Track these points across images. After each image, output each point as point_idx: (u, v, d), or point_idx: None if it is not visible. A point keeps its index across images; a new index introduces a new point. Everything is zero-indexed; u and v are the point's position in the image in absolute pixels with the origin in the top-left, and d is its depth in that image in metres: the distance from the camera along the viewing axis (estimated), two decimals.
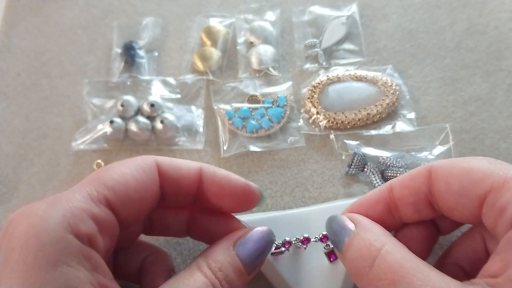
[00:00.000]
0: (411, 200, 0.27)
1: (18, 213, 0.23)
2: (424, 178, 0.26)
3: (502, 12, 0.49)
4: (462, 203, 0.25)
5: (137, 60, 0.49)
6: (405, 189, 0.27)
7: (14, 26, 0.54)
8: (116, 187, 0.25)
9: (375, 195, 0.29)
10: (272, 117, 0.45)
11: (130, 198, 0.26)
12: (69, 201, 0.23)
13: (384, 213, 0.28)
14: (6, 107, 0.49)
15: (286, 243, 0.32)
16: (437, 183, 0.26)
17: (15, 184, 0.44)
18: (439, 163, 0.26)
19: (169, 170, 0.28)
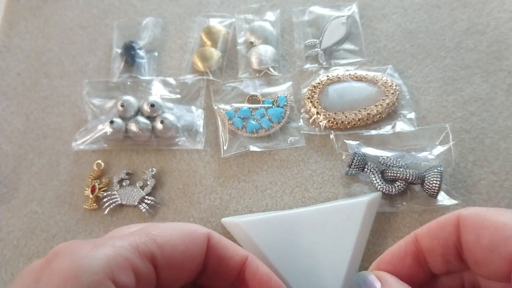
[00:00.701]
0: (440, 251, 0.26)
1: (63, 247, 0.23)
2: (453, 227, 0.25)
3: (502, 12, 0.49)
4: (492, 259, 0.23)
5: (137, 60, 0.49)
6: (433, 240, 0.26)
7: (14, 26, 0.54)
8: (165, 246, 0.25)
9: (401, 248, 0.27)
10: (272, 117, 0.45)
11: (175, 261, 0.25)
12: (116, 248, 0.23)
13: (413, 267, 0.27)
14: (6, 107, 0.49)
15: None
16: (465, 235, 0.24)
17: (15, 184, 0.44)
18: (468, 212, 0.25)
19: (217, 246, 0.28)
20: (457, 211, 0.26)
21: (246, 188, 0.42)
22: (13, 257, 0.41)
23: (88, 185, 0.43)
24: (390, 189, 0.39)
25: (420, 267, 0.27)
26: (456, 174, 0.41)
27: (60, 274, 0.21)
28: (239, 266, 0.28)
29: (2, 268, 0.40)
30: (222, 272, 0.28)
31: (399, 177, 0.39)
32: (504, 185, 0.40)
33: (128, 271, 0.23)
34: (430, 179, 0.38)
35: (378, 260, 0.28)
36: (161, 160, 0.45)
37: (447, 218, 0.26)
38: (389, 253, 0.28)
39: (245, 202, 0.42)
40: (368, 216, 0.37)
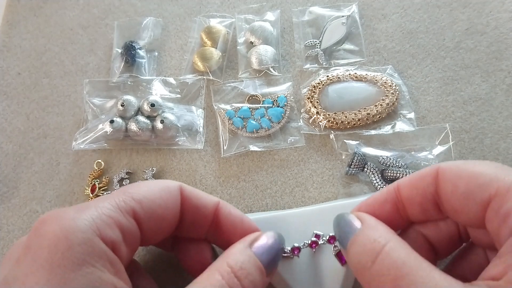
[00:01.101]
0: (418, 200, 0.27)
1: (48, 215, 0.24)
2: (431, 178, 0.26)
3: (502, 12, 0.49)
4: (467, 206, 0.25)
5: (137, 60, 0.50)
6: (412, 189, 0.27)
7: (15, 25, 0.54)
8: (143, 201, 0.27)
9: (382, 195, 0.29)
10: (272, 117, 0.45)
11: (154, 213, 0.27)
12: (98, 208, 0.24)
13: (391, 213, 0.28)
14: (6, 106, 0.49)
15: (295, 249, 0.32)
16: (444, 185, 0.26)
17: (16, 184, 0.44)
18: (447, 165, 0.26)
19: (190, 196, 0.30)
20: (437, 164, 0.27)
21: (246, 188, 0.42)
22: None
23: (88, 185, 0.44)
24: None
25: (398, 213, 0.28)
26: None
27: (50, 237, 0.22)
28: (212, 212, 0.30)
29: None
30: (197, 219, 0.30)
31: (399, 177, 0.39)
32: None
33: (113, 227, 0.24)
34: None
35: (359, 204, 0.30)
36: (161, 159, 0.45)
37: (427, 170, 0.27)
38: (370, 199, 0.30)
39: (245, 202, 0.42)
40: None
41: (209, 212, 0.30)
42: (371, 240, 0.25)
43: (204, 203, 0.30)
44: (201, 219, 0.30)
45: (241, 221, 0.31)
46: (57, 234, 0.22)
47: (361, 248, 0.25)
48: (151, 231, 0.27)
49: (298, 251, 0.32)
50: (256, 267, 0.27)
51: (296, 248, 0.32)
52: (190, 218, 0.30)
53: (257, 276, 0.27)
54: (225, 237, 0.31)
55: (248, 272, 0.26)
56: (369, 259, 0.24)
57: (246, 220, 0.31)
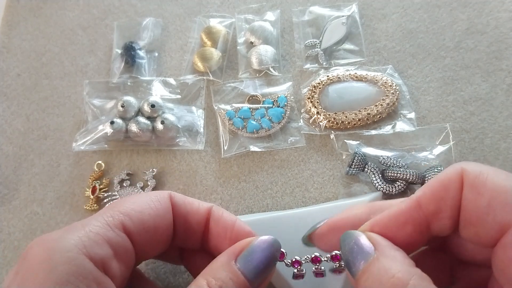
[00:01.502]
0: (448, 214, 0.23)
1: (35, 240, 0.24)
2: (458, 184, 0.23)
3: (502, 12, 0.49)
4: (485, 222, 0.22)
5: (137, 61, 0.50)
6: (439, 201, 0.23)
7: (14, 26, 0.54)
8: (131, 213, 0.26)
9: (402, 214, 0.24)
10: (273, 117, 0.45)
11: (145, 224, 0.26)
12: (86, 226, 0.24)
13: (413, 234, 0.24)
14: (6, 107, 0.49)
15: (295, 262, 0.29)
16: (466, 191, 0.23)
17: (16, 185, 0.44)
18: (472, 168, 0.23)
19: (181, 203, 0.29)
20: (458, 164, 0.23)
21: (246, 188, 0.42)
22: (14, 258, 0.41)
23: (89, 186, 0.44)
24: (390, 189, 0.39)
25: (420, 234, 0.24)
26: None
27: (35, 260, 0.22)
28: (204, 217, 0.29)
29: (3, 269, 0.40)
30: (190, 226, 0.29)
31: (400, 177, 0.39)
32: None
33: (102, 244, 0.24)
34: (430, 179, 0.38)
35: (372, 221, 0.25)
36: (161, 160, 0.45)
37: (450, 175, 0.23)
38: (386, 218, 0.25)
39: (245, 202, 0.42)
40: None
41: (201, 218, 0.29)
42: (390, 275, 0.21)
43: (196, 209, 0.29)
44: (193, 226, 0.29)
45: (232, 225, 0.29)
46: (41, 255, 0.22)
47: (376, 282, 0.21)
48: (145, 244, 0.27)
49: (299, 264, 0.29)
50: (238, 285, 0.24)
51: (296, 262, 0.29)
52: (182, 226, 0.29)
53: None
54: (216, 244, 0.29)
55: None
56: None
57: (238, 223, 0.29)
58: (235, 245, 0.27)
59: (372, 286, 0.21)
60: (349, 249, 0.24)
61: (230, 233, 0.28)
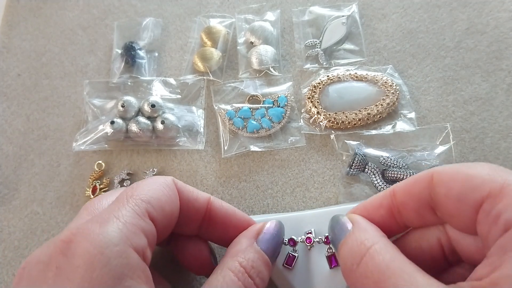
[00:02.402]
0: (412, 205, 0.27)
1: (73, 233, 0.23)
2: (426, 183, 0.26)
3: (502, 11, 0.49)
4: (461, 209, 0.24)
5: (137, 61, 0.50)
6: (407, 194, 0.27)
7: (14, 26, 0.54)
8: (151, 201, 0.26)
9: (378, 199, 0.29)
10: (273, 117, 0.45)
11: (164, 211, 0.27)
12: (120, 218, 0.24)
13: (386, 218, 0.28)
14: (6, 107, 0.49)
15: (290, 240, 0.33)
16: (438, 188, 0.25)
17: (16, 185, 0.44)
18: (442, 168, 0.26)
19: (183, 190, 0.30)
20: (432, 168, 0.26)
21: (247, 188, 0.42)
22: (14, 258, 0.41)
23: (89, 186, 0.43)
24: None
25: (393, 218, 0.28)
26: None
27: (83, 256, 0.22)
28: (204, 205, 0.31)
29: (3, 269, 0.40)
30: (191, 213, 0.30)
31: (400, 177, 0.39)
32: None
33: (139, 234, 0.24)
34: None
35: (354, 208, 0.30)
36: (161, 160, 0.45)
37: (422, 174, 0.26)
38: (365, 203, 0.29)
39: (246, 202, 0.42)
40: None
41: (202, 205, 0.31)
42: (359, 242, 0.25)
43: (196, 197, 0.31)
44: (194, 213, 0.31)
45: (233, 213, 0.32)
46: (90, 251, 0.22)
47: (349, 250, 0.25)
48: (163, 230, 0.28)
49: (293, 243, 0.33)
50: (264, 263, 0.28)
51: (291, 240, 0.33)
52: (183, 212, 0.30)
53: (266, 271, 0.28)
54: (219, 231, 0.31)
55: (259, 270, 0.27)
56: (355, 261, 0.24)
57: (238, 212, 0.32)
58: (251, 230, 0.30)
59: (346, 253, 0.25)
60: (333, 229, 0.28)
61: (234, 220, 0.31)
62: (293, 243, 0.33)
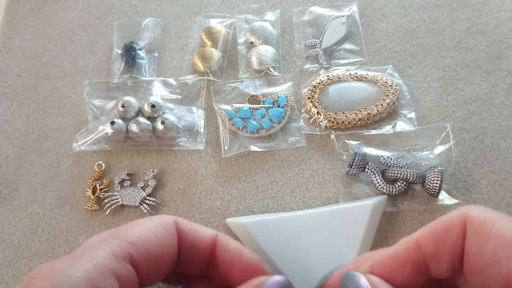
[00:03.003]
0: (447, 258, 0.23)
1: (37, 270, 0.22)
2: (460, 230, 0.22)
3: (502, 11, 0.49)
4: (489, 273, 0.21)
5: (137, 61, 0.50)
6: (438, 245, 0.23)
7: (14, 26, 0.54)
8: (138, 243, 0.25)
9: (401, 254, 0.24)
10: (273, 117, 0.45)
11: (151, 254, 0.26)
12: (93, 258, 0.23)
13: (411, 275, 0.24)
14: (6, 108, 0.49)
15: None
16: (469, 240, 0.22)
17: (16, 186, 0.44)
18: (477, 215, 0.22)
19: (186, 230, 0.28)
20: (463, 209, 0.23)
21: (247, 188, 0.42)
22: (14, 259, 0.41)
23: (89, 186, 0.44)
24: (391, 189, 0.39)
25: (419, 274, 0.24)
26: (456, 173, 0.41)
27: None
28: (209, 246, 0.29)
29: (4, 269, 0.40)
30: (195, 254, 0.29)
31: (400, 177, 0.39)
32: (505, 184, 0.40)
33: (109, 277, 0.23)
34: (431, 179, 0.38)
35: (373, 261, 0.25)
36: (162, 160, 0.45)
37: (453, 219, 0.23)
38: (385, 258, 0.25)
39: (246, 203, 0.42)
40: (373, 220, 0.36)
41: (206, 246, 0.29)
42: None
43: (201, 237, 0.28)
44: (198, 255, 0.29)
45: (239, 255, 0.28)
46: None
47: None
48: (149, 273, 0.26)
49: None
50: None
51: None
52: (186, 253, 0.28)
53: None
54: (222, 274, 0.29)
55: None
56: None
57: (245, 254, 0.28)
58: (248, 284, 0.27)
59: None
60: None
61: (238, 263, 0.28)
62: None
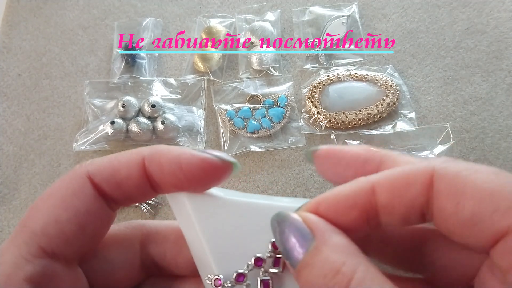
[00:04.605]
0: (401, 211, 0.21)
1: None
2: (423, 187, 0.20)
3: (502, 11, 0.49)
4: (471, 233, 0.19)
5: (137, 61, 0.50)
6: (395, 197, 0.21)
7: (15, 26, 0.54)
8: (47, 229, 0.21)
9: (350, 196, 0.21)
10: (273, 117, 0.45)
11: (66, 232, 0.21)
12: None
13: (357, 220, 0.21)
14: (7, 107, 0.49)
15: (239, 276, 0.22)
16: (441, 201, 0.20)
17: (16, 185, 0.44)
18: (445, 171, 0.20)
19: (105, 175, 0.23)
20: (431, 163, 0.20)
21: (247, 188, 0.42)
22: None
23: None
24: None
25: (365, 221, 0.21)
26: None
27: None
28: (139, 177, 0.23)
29: None
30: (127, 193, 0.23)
31: None
32: None
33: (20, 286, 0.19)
34: None
35: (314, 201, 0.21)
36: None
37: (417, 174, 0.20)
38: (331, 198, 0.21)
39: None
40: None
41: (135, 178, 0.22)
42: (334, 269, 0.18)
43: (126, 175, 0.22)
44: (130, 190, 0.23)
45: (178, 165, 0.22)
46: None
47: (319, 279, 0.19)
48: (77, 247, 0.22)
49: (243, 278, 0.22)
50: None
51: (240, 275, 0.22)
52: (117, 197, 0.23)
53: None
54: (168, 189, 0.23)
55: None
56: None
57: (185, 160, 0.22)
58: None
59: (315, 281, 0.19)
60: (283, 235, 0.20)
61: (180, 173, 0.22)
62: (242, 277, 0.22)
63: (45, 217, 0.21)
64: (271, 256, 0.22)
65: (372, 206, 0.21)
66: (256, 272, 0.22)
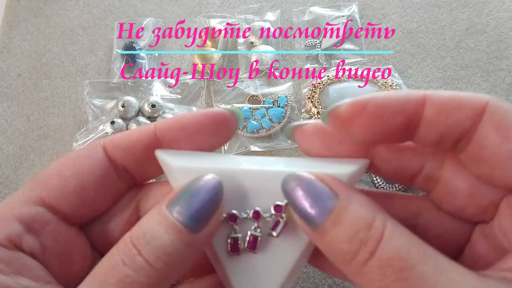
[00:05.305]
0: (442, 130, 0.20)
1: None
2: (473, 112, 0.20)
3: (501, 11, 0.49)
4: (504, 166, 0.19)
5: (137, 61, 0.50)
6: (442, 115, 0.20)
7: (15, 26, 0.54)
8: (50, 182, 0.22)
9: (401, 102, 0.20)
10: (273, 117, 0.45)
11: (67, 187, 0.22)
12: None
13: (398, 127, 0.20)
14: (7, 107, 0.49)
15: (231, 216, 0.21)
16: (488, 129, 0.20)
17: (16, 185, 0.44)
18: (498, 105, 0.19)
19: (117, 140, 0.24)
20: (484, 96, 0.20)
21: None
22: None
23: None
24: (391, 189, 0.39)
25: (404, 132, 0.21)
26: None
27: None
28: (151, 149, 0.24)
29: None
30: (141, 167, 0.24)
31: None
32: None
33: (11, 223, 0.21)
34: None
35: (367, 97, 0.20)
36: None
37: (470, 100, 0.20)
38: (383, 97, 0.21)
39: None
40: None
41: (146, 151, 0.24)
42: (367, 224, 0.18)
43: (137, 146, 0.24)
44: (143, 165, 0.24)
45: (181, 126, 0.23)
46: None
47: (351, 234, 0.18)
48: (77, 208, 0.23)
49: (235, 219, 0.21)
50: (167, 227, 0.19)
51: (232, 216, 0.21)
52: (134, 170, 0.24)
53: (168, 238, 0.19)
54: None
55: (152, 236, 0.19)
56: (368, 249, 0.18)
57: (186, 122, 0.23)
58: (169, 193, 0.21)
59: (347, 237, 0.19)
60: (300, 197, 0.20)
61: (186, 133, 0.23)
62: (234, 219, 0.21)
63: (51, 171, 0.23)
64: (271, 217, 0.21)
65: (417, 117, 0.20)
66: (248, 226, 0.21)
